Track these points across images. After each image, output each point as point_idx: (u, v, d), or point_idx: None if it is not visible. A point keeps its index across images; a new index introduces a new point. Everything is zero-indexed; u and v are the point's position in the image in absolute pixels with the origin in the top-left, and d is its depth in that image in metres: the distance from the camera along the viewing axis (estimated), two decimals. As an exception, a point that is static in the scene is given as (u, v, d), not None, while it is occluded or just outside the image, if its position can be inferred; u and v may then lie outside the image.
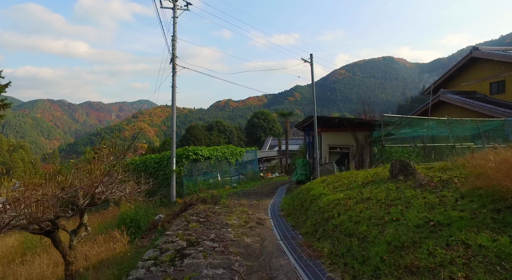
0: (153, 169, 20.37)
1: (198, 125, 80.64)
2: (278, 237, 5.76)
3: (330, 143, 12.31)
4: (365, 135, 12.29)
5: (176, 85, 18.06)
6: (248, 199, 11.50)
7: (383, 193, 5.30)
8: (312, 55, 11.50)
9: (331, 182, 7.62)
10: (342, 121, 12.10)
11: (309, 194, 7.23)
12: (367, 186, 6.31)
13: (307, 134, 15.58)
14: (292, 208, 7.43)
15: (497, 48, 23.73)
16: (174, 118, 17.86)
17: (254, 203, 9.91)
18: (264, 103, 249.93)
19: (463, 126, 12.55)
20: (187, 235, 5.61)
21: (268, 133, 60.86)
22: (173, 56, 17.80)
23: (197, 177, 19.49)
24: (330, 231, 4.58)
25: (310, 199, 6.80)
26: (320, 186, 7.44)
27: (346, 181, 7.28)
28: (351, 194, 5.90)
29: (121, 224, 11.42)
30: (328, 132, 12.20)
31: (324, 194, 6.51)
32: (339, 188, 6.77)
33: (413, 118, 11.87)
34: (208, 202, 12.24)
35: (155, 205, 16.30)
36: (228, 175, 21.95)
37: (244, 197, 12.28)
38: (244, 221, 7.01)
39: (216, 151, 20.93)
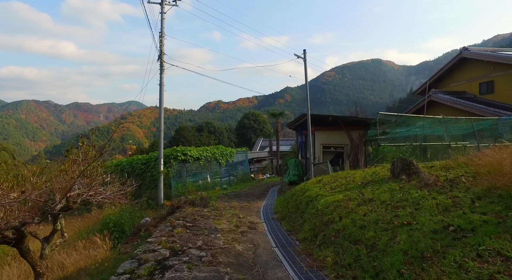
0: (140, 170, 19.62)
1: (188, 126, 79.62)
2: (273, 243, 5.27)
3: (324, 142, 11.91)
4: (360, 134, 11.93)
5: (164, 83, 17.41)
6: (239, 201, 10.98)
7: (386, 194, 4.87)
8: (306, 50, 11.11)
9: (327, 182, 7.18)
10: (336, 120, 11.72)
11: (304, 196, 6.77)
12: (367, 186, 5.89)
13: (300, 134, 15.18)
14: (286, 211, 6.95)
15: (486, 49, 23.93)
16: (161, 117, 17.20)
17: (245, 205, 9.39)
18: (255, 104, 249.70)
19: (458, 125, 12.33)
20: (171, 243, 5.05)
21: (259, 134, 60.48)
22: (160, 53, 17.15)
23: (186, 179, 18.85)
24: (332, 237, 4.10)
25: (306, 200, 6.33)
26: (316, 187, 6.99)
27: (343, 181, 6.84)
28: (351, 195, 5.45)
29: (104, 228, 10.73)
30: (321, 131, 11.79)
31: (321, 195, 6.05)
32: (337, 188, 6.32)
33: (408, 117, 11.58)
34: (197, 204, 11.66)
35: (142, 208, 15.57)
36: (218, 176, 21.37)
37: (234, 198, 11.75)
38: (235, 225, 6.49)
39: (205, 152, 20.31)
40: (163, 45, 17.23)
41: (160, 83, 17.13)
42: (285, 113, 33.81)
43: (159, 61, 17.25)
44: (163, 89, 17.19)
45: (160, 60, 17.19)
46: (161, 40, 17.20)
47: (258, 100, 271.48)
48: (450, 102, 21.45)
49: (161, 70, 17.19)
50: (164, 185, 17.80)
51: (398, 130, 11.54)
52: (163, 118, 17.33)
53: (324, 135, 11.90)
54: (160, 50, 17.07)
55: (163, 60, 17.17)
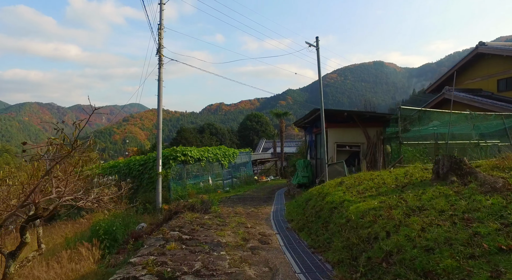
0: (137, 172, 18.50)
1: (190, 128, 78.69)
2: (296, 267, 4.00)
3: (337, 141, 10.76)
4: (377, 131, 10.77)
5: (163, 79, 16.33)
6: (244, 205, 9.83)
7: (440, 201, 3.72)
8: (318, 38, 9.94)
9: (351, 185, 6.03)
10: (351, 116, 10.57)
11: (325, 201, 5.63)
12: (406, 190, 4.74)
13: (309, 132, 14.02)
14: (304, 219, 5.80)
15: (504, 44, 22.73)
16: (160, 114, 16.09)
17: (252, 211, 8.23)
18: (256, 106, 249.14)
19: (486, 122, 11.12)
20: (160, 265, 3.89)
21: (261, 135, 59.31)
22: (159, 46, 16.07)
23: (186, 181, 17.72)
24: (383, 263, 2.94)
25: (329, 207, 5.19)
26: (338, 190, 5.85)
27: (371, 184, 5.70)
28: (388, 201, 4.31)
29: (93, 236, 9.59)
30: (335, 128, 10.65)
31: (348, 201, 4.91)
32: (366, 192, 5.18)
33: (432, 112, 10.41)
34: (197, 209, 10.52)
35: (138, 212, 14.36)
36: (220, 178, 20.23)
37: (239, 203, 10.60)
38: (242, 237, 5.33)
39: (207, 152, 19.17)
40: (162, 38, 16.16)
41: (159, 78, 16.06)
42: (289, 113, 32.65)
43: (158, 55, 16.17)
44: (162, 85, 16.11)
45: (159, 54, 16.11)
46: (160, 33, 16.14)
47: (260, 103, 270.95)
48: (466, 100, 20.22)
49: (160, 64, 16.11)
50: (162, 188, 16.67)
51: (423, 128, 10.36)
52: (161, 115, 16.24)
53: (337, 133, 10.75)
54: (158, 44, 15.99)
55: (162, 54, 16.09)
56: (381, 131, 10.84)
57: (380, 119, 10.90)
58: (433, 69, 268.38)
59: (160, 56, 16.06)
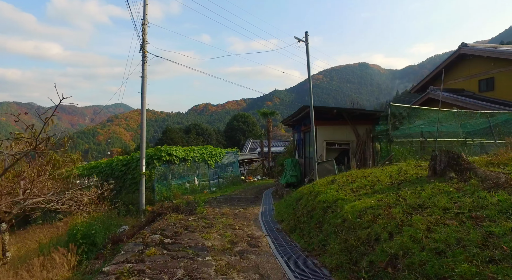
0: (120, 173, 17.81)
1: (175, 128, 77.48)
2: (289, 273, 3.59)
3: (327, 139, 10.54)
4: (367, 129, 10.62)
5: (147, 76, 15.77)
6: (231, 206, 9.45)
7: (442, 198, 3.48)
8: (308, 33, 9.66)
9: (343, 183, 5.78)
10: (341, 113, 10.37)
11: (317, 200, 5.34)
12: (402, 187, 4.50)
13: (297, 131, 13.78)
14: (295, 220, 5.47)
15: (485, 45, 23.26)
16: (144, 113, 15.51)
17: (239, 212, 7.86)
18: (243, 107, 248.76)
19: (473, 121, 11.15)
20: (138, 274, 3.44)
21: (248, 136, 58.97)
22: (143, 42, 15.49)
23: (171, 181, 17.18)
24: (389, 268, 2.64)
25: (322, 206, 4.89)
26: (330, 189, 5.57)
27: (364, 181, 5.45)
28: (386, 199, 4.05)
29: (70, 241, 8.99)
30: (324, 126, 10.42)
31: (342, 200, 4.63)
32: (360, 190, 4.92)
33: (422, 109, 10.34)
34: (182, 210, 10.07)
35: (120, 214, 13.72)
36: (206, 178, 19.77)
37: (226, 203, 10.21)
38: (229, 240, 4.96)
39: (193, 152, 18.68)
40: (145, 34, 15.58)
41: (143, 75, 15.48)
42: (276, 113, 32.46)
43: (141, 51, 15.59)
44: (146, 82, 15.55)
45: (143, 50, 15.53)
46: (144, 28, 15.56)
47: (247, 103, 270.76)
48: (450, 99, 20.50)
49: (144, 61, 15.54)
50: (146, 189, 16.09)
51: (412, 126, 10.26)
52: (145, 113, 15.65)
53: (327, 130, 10.53)
54: (142, 39, 15.41)
55: (146, 50, 15.52)
56: (370, 129, 10.69)
57: (370, 117, 10.76)
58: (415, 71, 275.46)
59: (144, 53, 15.49)
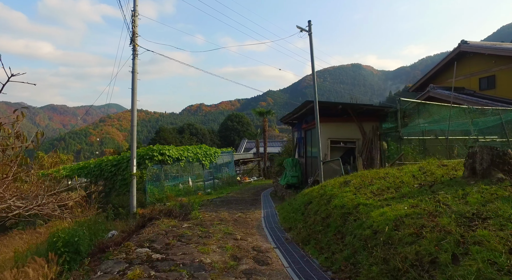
0: (110, 173, 16.87)
1: (169, 128, 76.28)
2: None
3: (331, 136, 9.83)
4: (373, 126, 9.95)
5: (138, 71, 14.91)
6: (229, 209, 8.66)
7: (503, 206, 2.78)
8: (311, 22, 8.91)
9: (360, 185, 5.07)
10: (346, 109, 9.68)
11: (332, 205, 4.61)
12: (437, 190, 3.81)
13: (297, 129, 13.06)
14: (306, 228, 4.71)
15: (486, 43, 22.90)
16: (134, 110, 14.64)
17: (239, 217, 7.08)
18: (237, 107, 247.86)
19: (483, 118, 10.56)
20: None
21: (243, 136, 58.18)
22: (133, 35, 14.62)
23: (164, 182, 16.32)
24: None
25: (340, 213, 4.16)
26: (345, 192, 4.86)
27: (386, 183, 4.76)
28: (423, 205, 3.34)
29: (50, 250, 8.11)
30: (328, 123, 9.71)
31: (364, 205, 3.92)
32: (383, 194, 4.22)
33: (432, 105, 9.70)
34: (175, 214, 9.27)
35: (109, 218, 12.78)
36: (201, 179, 18.95)
37: (223, 206, 9.43)
38: (231, 255, 4.17)
39: (186, 151, 17.83)
40: (136, 26, 14.73)
41: (133, 70, 14.62)
42: (272, 112, 31.73)
43: (132, 44, 14.71)
44: (136, 78, 14.68)
45: (133, 44, 14.66)
46: (134, 20, 14.71)
47: (241, 103, 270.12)
48: (451, 97, 20.01)
49: (134, 55, 14.68)
50: (137, 190, 15.22)
51: (420, 124, 9.61)
52: (136, 110, 14.78)
53: (331, 128, 9.83)
54: (132, 32, 14.54)
55: (137, 44, 14.66)
56: (377, 126, 10.02)
57: (377, 113, 10.09)
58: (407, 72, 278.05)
59: (134, 46, 14.63)
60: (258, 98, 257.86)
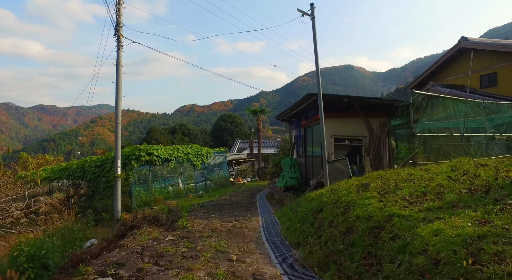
0: (93, 175, 15.66)
1: (161, 128, 74.75)
2: None
3: (335, 133, 8.88)
4: (381, 122, 9.03)
5: (122, 63, 13.76)
6: (221, 216, 7.62)
7: None
8: (313, 5, 7.93)
9: (383, 190, 4.11)
10: (351, 103, 8.74)
11: (352, 215, 3.61)
12: (501, 197, 2.86)
13: (296, 126, 12.10)
14: (321, 245, 3.64)
15: (487, 39, 22.37)
16: (119, 106, 13.52)
17: (234, 226, 6.02)
18: (230, 108, 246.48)
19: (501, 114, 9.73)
20: None
21: (236, 136, 57.10)
22: (117, 24, 13.48)
23: (151, 184, 15.17)
24: None
25: (366, 227, 3.15)
26: (366, 198, 3.88)
27: (418, 188, 3.80)
28: (497, 221, 2.39)
29: (11, 266, 6.96)
30: (332, 119, 8.75)
31: (400, 217, 2.95)
32: (422, 202, 3.26)
33: (446, 99, 8.83)
34: (161, 221, 8.18)
35: (89, 225, 11.54)
36: (192, 180, 17.84)
37: (215, 212, 8.38)
38: (224, 286, 3.08)
39: (176, 151, 16.72)
40: (121, 15, 13.58)
41: (117, 63, 13.48)
42: (267, 110, 30.75)
43: (116, 36, 13.56)
44: (121, 71, 13.56)
45: (117, 34, 13.52)
46: (118, 9, 13.56)
47: (234, 104, 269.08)
48: (453, 95, 19.28)
49: (118, 46, 13.54)
50: (123, 193, 14.07)
51: (423, 121, 8.71)
52: (121, 107, 13.64)
53: (335, 124, 8.87)
54: (116, 21, 13.39)
55: (121, 34, 13.52)
56: (385, 123, 9.11)
57: (385, 108, 9.17)
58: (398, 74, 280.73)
59: (118, 37, 13.49)
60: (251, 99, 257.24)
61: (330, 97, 8.55)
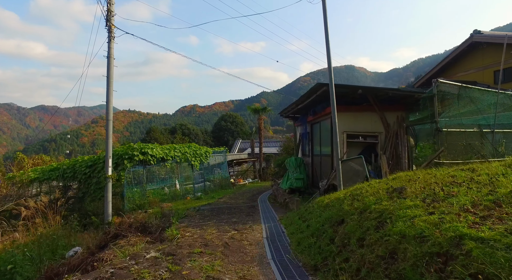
0: (84, 176, 14.68)
1: (161, 128, 73.85)
2: None
3: (347, 129, 7.85)
4: (399, 117, 8.02)
5: (114, 56, 12.78)
6: (218, 223, 6.62)
7: None
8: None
9: (428, 196, 3.10)
10: (365, 95, 7.73)
11: (392, 231, 2.56)
12: None
13: (302, 123, 11.09)
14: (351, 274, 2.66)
15: (500, 33, 21.34)
16: (110, 102, 12.55)
17: (232, 237, 5.00)
18: (231, 108, 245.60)
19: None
20: None
21: (237, 136, 56.16)
22: (108, 13, 12.51)
23: (146, 186, 14.18)
24: None
25: (420, 252, 2.10)
26: (406, 207, 2.86)
27: (478, 194, 2.81)
28: None
29: (-27, 281, 6.02)
30: (343, 113, 7.71)
31: (478, 241, 1.97)
32: (499, 215, 2.28)
33: (474, 90, 7.80)
34: (150, 229, 7.22)
35: (75, 230, 10.48)
36: (190, 181, 16.86)
37: (212, 218, 7.38)
38: None
39: (173, 150, 15.72)
40: (112, 4, 12.59)
41: (109, 55, 12.53)
42: (268, 109, 29.73)
43: (107, 26, 12.58)
44: (113, 64, 12.59)
45: (109, 24, 12.55)
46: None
47: (235, 105, 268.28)
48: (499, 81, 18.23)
49: (110, 37, 12.58)
50: (114, 195, 13.09)
51: (445, 117, 7.68)
52: (112, 103, 12.66)
53: (347, 119, 7.86)
54: (107, 10, 12.42)
55: (112, 24, 12.56)
56: (403, 117, 8.09)
57: (404, 100, 8.15)
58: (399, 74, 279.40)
59: (110, 27, 12.52)
60: (252, 100, 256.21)
61: (342, 88, 7.54)
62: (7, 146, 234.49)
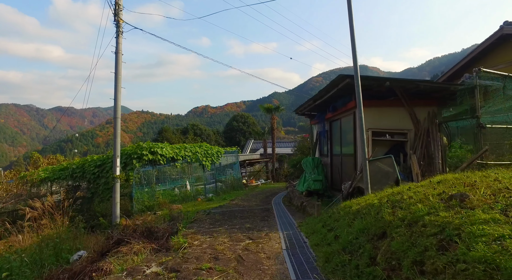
0: (93, 175, 14.32)
1: (173, 128, 74.10)
2: None
3: (372, 126, 7.06)
4: (430, 113, 7.19)
5: (122, 51, 12.36)
6: (231, 229, 5.97)
7: None
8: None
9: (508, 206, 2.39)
10: (392, 88, 6.93)
11: (470, 258, 1.90)
12: None
13: (319, 120, 10.33)
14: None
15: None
16: (118, 99, 12.12)
17: (246, 249, 4.33)
18: (243, 109, 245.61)
19: None
20: None
21: (249, 136, 55.58)
22: (116, 7, 12.11)
23: (155, 186, 13.69)
24: None
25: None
26: (487, 222, 2.14)
27: None
28: None
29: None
30: (368, 108, 6.87)
31: None
32: None
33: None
34: (157, 234, 6.61)
35: (80, 232, 10.02)
36: (201, 182, 16.32)
37: (223, 223, 6.74)
38: None
39: (184, 150, 15.20)
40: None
41: (117, 50, 12.12)
42: (281, 108, 28.97)
43: (115, 20, 12.18)
44: (121, 59, 12.18)
45: (117, 19, 12.15)
46: (118, -10, 12.16)
47: (246, 105, 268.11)
48: (495, 87, 17.06)
49: (118, 32, 12.18)
50: (123, 196, 12.67)
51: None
52: (120, 100, 12.22)
53: (371, 114, 7.06)
54: (115, 4, 11.99)
55: (121, 19, 12.15)
56: (435, 113, 7.25)
57: (436, 94, 7.31)
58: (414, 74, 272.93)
59: (118, 22, 12.11)
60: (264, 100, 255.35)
61: (367, 80, 6.76)
62: (27, 146, 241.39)
